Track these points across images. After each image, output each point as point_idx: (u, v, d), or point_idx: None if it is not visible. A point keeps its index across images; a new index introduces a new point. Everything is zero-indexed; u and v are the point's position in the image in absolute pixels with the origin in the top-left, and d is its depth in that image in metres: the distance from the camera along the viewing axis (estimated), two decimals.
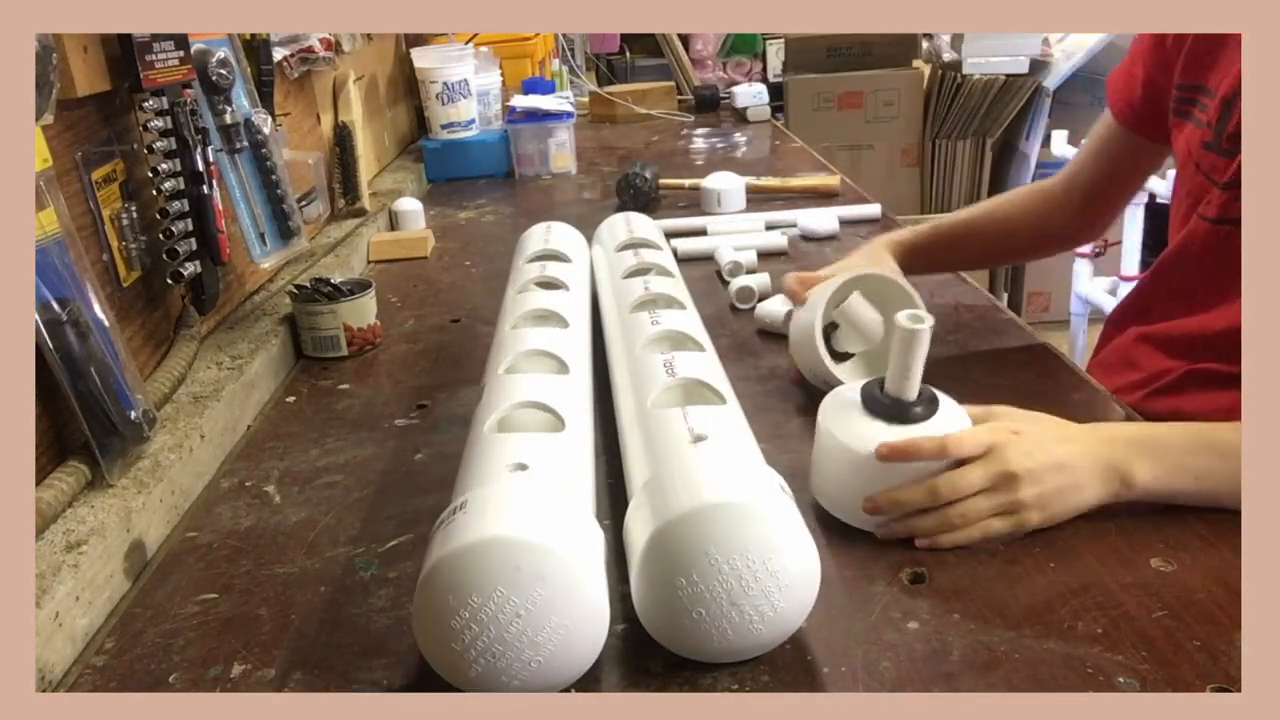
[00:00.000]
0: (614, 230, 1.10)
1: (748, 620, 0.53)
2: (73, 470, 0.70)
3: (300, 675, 0.57)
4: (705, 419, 0.63)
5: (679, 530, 0.52)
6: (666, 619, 0.54)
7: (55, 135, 0.75)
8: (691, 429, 0.62)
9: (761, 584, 0.52)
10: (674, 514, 0.52)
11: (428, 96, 1.81)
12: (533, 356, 0.77)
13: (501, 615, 0.50)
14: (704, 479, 0.54)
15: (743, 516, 0.52)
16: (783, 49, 3.25)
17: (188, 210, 0.88)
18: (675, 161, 1.87)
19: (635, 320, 0.83)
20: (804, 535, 0.53)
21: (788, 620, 0.54)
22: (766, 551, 0.52)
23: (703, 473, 0.55)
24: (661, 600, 0.53)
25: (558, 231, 1.09)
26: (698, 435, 0.61)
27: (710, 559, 0.52)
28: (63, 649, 0.60)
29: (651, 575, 0.53)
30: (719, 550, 0.52)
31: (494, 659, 0.51)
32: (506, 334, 0.82)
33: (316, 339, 1.03)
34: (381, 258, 1.39)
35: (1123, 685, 0.52)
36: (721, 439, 0.61)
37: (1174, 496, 0.65)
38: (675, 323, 0.81)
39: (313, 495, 0.77)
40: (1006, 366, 0.89)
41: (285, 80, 1.27)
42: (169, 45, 0.85)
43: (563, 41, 2.62)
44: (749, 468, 0.57)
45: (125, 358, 0.75)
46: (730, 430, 0.63)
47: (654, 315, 0.83)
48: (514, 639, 0.50)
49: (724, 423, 0.64)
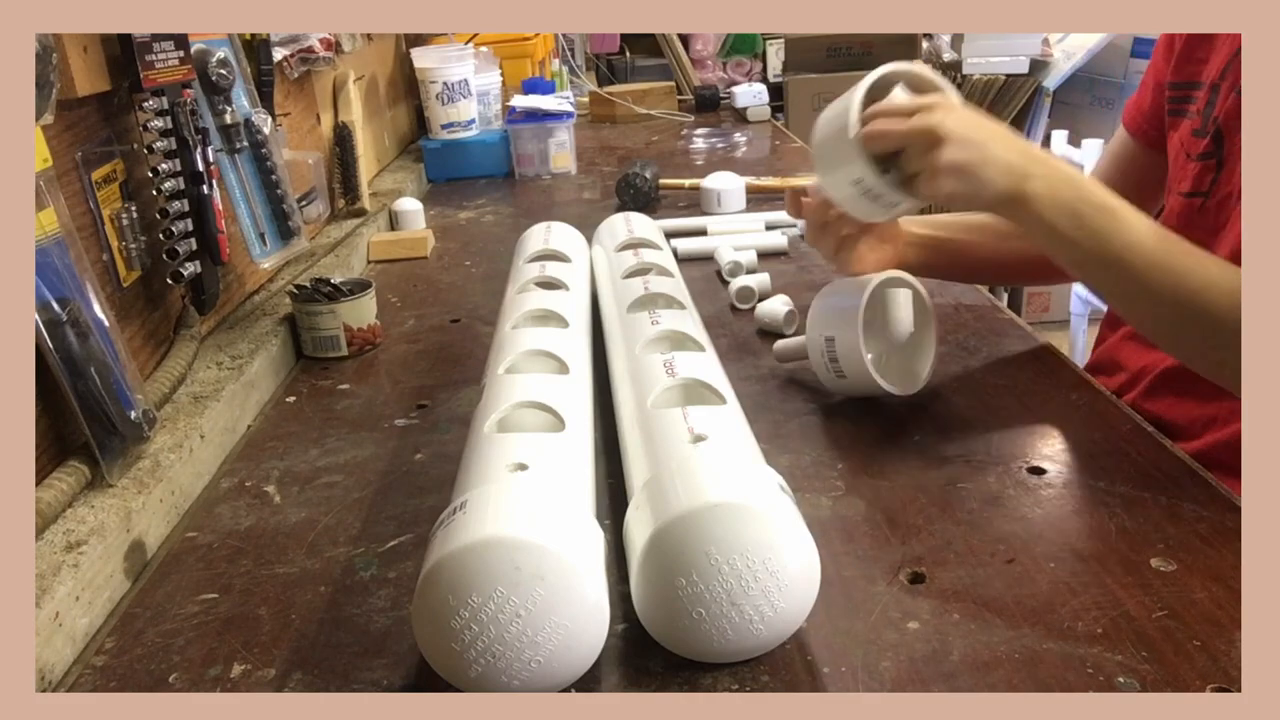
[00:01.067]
0: (614, 230, 1.10)
1: (748, 620, 0.53)
2: (73, 470, 0.70)
3: (300, 675, 0.57)
4: (705, 419, 0.63)
5: (679, 530, 0.52)
6: (666, 619, 0.54)
7: (55, 135, 0.75)
8: (691, 429, 0.62)
9: (762, 584, 0.52)
10: (674, 514, 0.52)
11: (428, 96, 1.81)
12: (533, 356, 0.77)
13: (501, 615, 0.50)
14: (704, 479, 0.54)
15: (742, 516, 0.52)
16: (783, 49, 3.26)
17: (188, 210, 0.88)
18: (675, 161, 1.87)
19: (635, 320, 0.83)
20: (804, 535, 0.54)
21: (788, 620, 0.54)
22: (766, 551, 0.52)
23: (702, 473, 0.55)
24: (661, 600, 0.53)
25: (557, 231, 1.09)
26: (697, 435, 0.61)
27: (710, 559, 0.52)
28: (63, 649, 0.60)
29: (651, 575, 0.53)
30: (719, 550, 0.52)
31: (494, 659, 0.51)
32: (506, 334, 0.82)
33: (316, 339, 1.03)
34: (381, 258, 1.39)
35: (1123, 685, 0.52)
36: (721, 439, 0.61)
37: (1051, 234, 0.69)
38: (675, 323, 0.81)
39: (313, 495, 0.77)
40: (1006, 366, 0.89)
41: (285, 80, 1.27)
42: (169, 45, 0.85)
43: (563, 41, 2.62)
44: (749, 468, 0.57)
45: (125, 358, 0.75)
46: (730, 430, 0.63)
47: (654, 315, 0.82)
48: (514, 639, 0.50)
49: (724, 423, 0.64)
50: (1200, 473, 0.71)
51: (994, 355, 0.93)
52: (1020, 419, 0.80)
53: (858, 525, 0.67)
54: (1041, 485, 0.70)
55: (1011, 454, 0.75)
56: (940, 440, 0.77)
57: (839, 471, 0.74)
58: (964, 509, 0.68)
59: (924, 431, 0.79)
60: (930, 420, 0.80)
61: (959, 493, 0.70)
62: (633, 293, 0.89)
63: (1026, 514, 0.67)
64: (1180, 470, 0.71)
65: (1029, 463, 0.73)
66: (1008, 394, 0.84)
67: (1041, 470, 0.72)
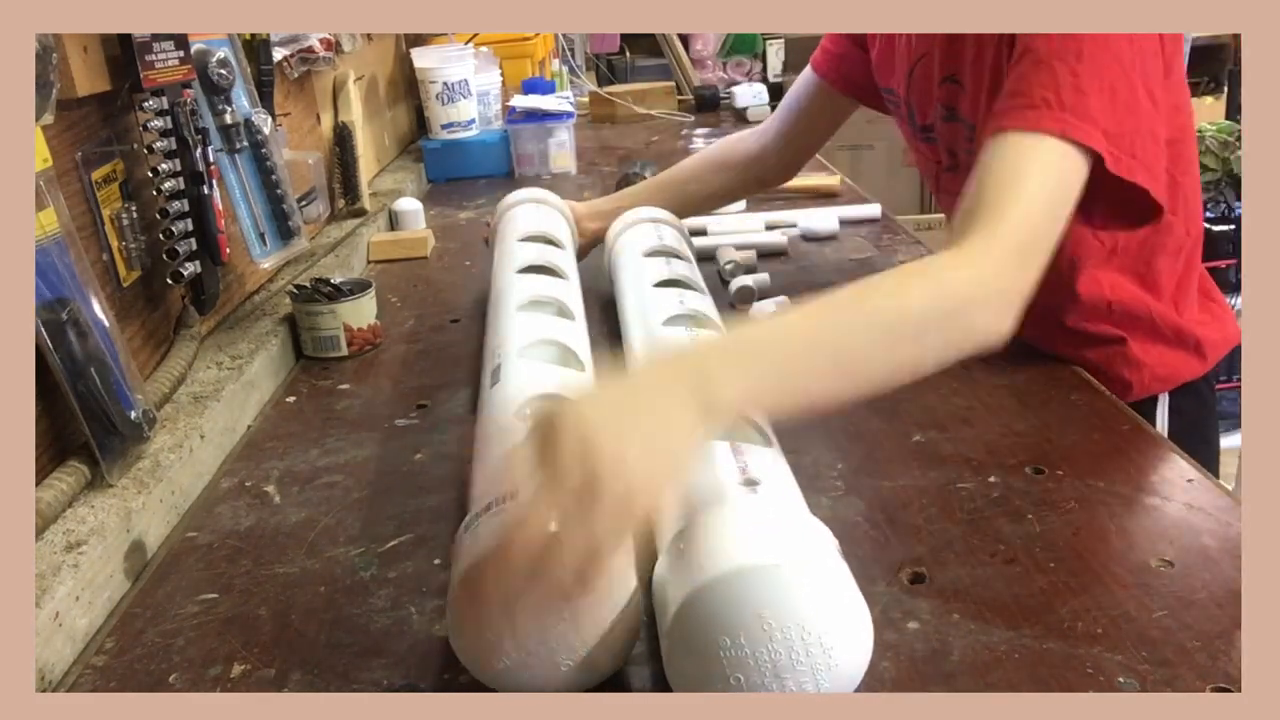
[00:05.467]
0: (640, 233, 1.04)
1: (785, 694, 0.49)
2: (73, 470, 0.70)
3: (300, 675, 0.57)
4: (758, 461, 0.58)
5: (735, 585, 0.47)
6: (699, 677, 0.49)
7: (55, 135, 0.75)
8: (743, 469, 0.57)
9: (812, 660, 0.48)
10: (730, 565, 0.48)
11: (428, 96, 1.81)
12: (544, 345, 0.76)
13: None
14: (767, 533, 0.50)
15: (808, 583, 0.48)
16: (783, 49, 3.25)
17: (188, 210, 0.88)
18: (675, 161, 1.85)
19: (674, 334, 0.79)
20: (865, 614, 0.50)
21: None
22: (826, 625, 0.47)
23: (764, 525, 0.51)
24: (698, 656, 0.49)
25: (547, 209, 1.09)
26: (749, 479, 0.56)
27: (764, 624, 0.47)
28: (63, 649, 0.60)
29: (693, 627, 0.49)
30: (774, 615, 0.47)
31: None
32: (513, 317, 0.80)
33: (316, 339, 1.03)
34: (381, 258, 1.39)
35: (1123, 685, 0.52)
36: (776, 486, 0.56)
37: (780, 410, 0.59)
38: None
39: (313, 495, 0.77)
40: (1006, 367, 0.89)
41: (285, 80, 1.27)
42: (169, 45, 0.85)
43: (563, 41, 2.62)
44: (811, 526, 0.52)
45: (125, 358, 0.75)
46: (783, 477, 0.58)
47: (692, 332, 0.78)
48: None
49: (776, 467, 0.59)
50: (1200, 472, 0.71)
51: (993, 355, 0.92)
52: (1020, 419, 0.80)
53: (858, 525, 0.67)
54: (1041, 485, 0.70)
55: (1011, 454, 0.75)
56: (940, 440, 0.77)
57: (839, 471, 0.74)
58: (964, 509, 0.68)
59: (924, 431, 0.79)
60: (930, 420, 0.80)
61: (959, 493, 0.70)
62: (667, 307, 0.84)
63: (1026, 514, 0.67)
64: (1180, 470, 0.71)
65: (1029, 463, 0.73)
66: (1008, 394, 0.84)
67: (1041, 470, 0.72)
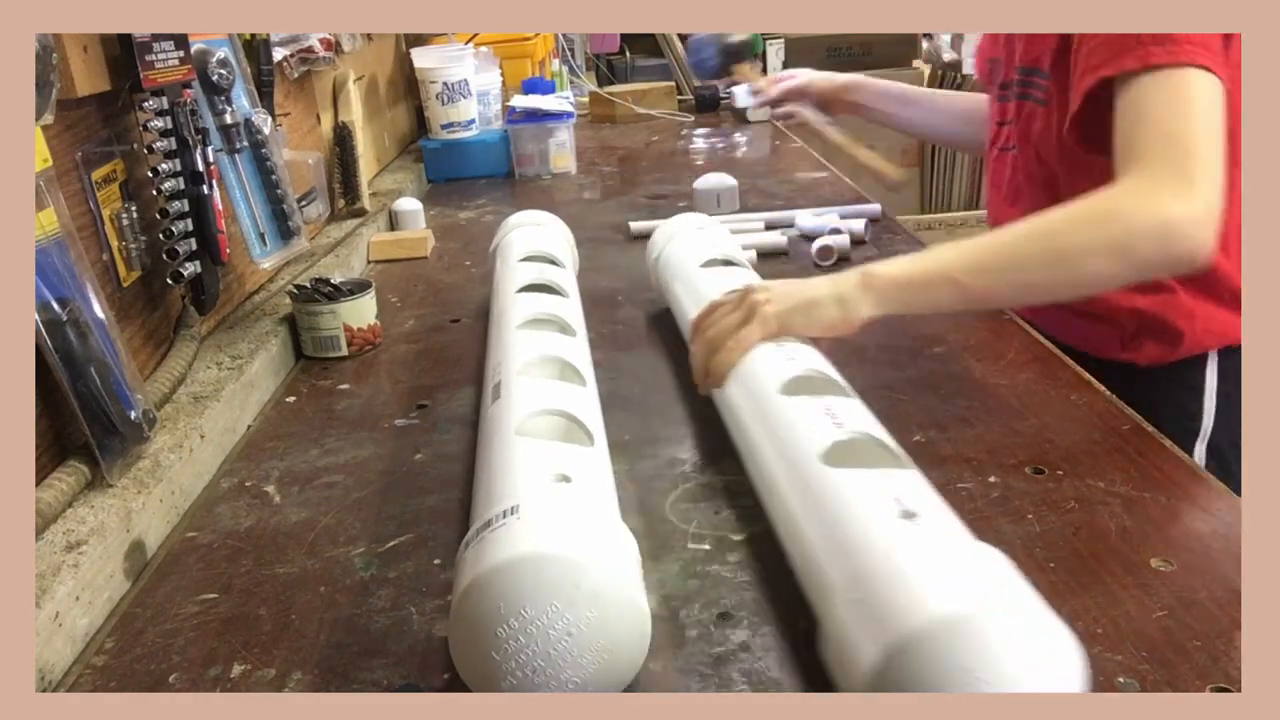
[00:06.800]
0: (688, 238, 1.01)
1: None
2: (73, 470, 0.70)
3: (300, 675, 0.57)
4: (907, 488, 0.55)
5: (943, 641, 0.44)
6: None
7: (55, 135, 0.75)
8: (899, 500, 0.53)
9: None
10: (936, 617, 0.45)
11: (428, 96, 1.81)
12: (547, 362, 0.76)
13: (552, 631, 0.48)
14: (955, 581, 0.46)
15: (1017, 638, 0.45)
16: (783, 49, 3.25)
17: (188, 210, 0.88)
18: (675, 161, 1.87)
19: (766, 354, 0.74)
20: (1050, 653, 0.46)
21: None
22: (1020, 678, 0.44)
23: (943, 570, 0.47)
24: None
25: (549, 229, 1.09)
26: (906, 510, 0.52)
27: (972, 679, 0.44)
28: (63, 649, 0.60)
29: (892, 684, 0.45)
30: (979, 670, 0.44)
31: (532, 673, 0.49)
32: (514, 334, 0.81)
33: (316, 339, 1.03)
34: (381, 258, 1.39)
35: (1123, 685, 0.52)
36: (935, 517, 0.53)
37: (907, 311, 0.79)
38: (811, 360, 0.72)
39: (313, 495, 0.77)
40: (1006, 366, 0.89)
41: (285, 80, 1.27)
42: (169, 45, 0.85)
43: (563, 41, 2.62)
44: (980, 554, 0.49)
45: (125, 358, 0.75)
46: (936, 504, 0.55)
47: (787, 350, 0.74)
48: (558, 656, 0.49)
49: (925, 493, 0.55)
50: (1200, 473, 0.71)
51: (994, 355, 0.92)
52: (1020, 419, 0.80)
53: None
54: (1041, 485, 0.70)
55: (1011, 454, 0.75)
56: (940, 440, 0.77)
57: None
58: (964, 509, 0.68)
59: (924, 431, 0.79)
60: (930, 420, 0.80)
61: (959, 493, 0.70)
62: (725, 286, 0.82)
63: (1026, 514, 0.67)
64: (1180, 470, 0.71)
65: (1029, 463, 0.73)
66: (1008, 394, 0.84)
67: (1041, 470, 0.72)
